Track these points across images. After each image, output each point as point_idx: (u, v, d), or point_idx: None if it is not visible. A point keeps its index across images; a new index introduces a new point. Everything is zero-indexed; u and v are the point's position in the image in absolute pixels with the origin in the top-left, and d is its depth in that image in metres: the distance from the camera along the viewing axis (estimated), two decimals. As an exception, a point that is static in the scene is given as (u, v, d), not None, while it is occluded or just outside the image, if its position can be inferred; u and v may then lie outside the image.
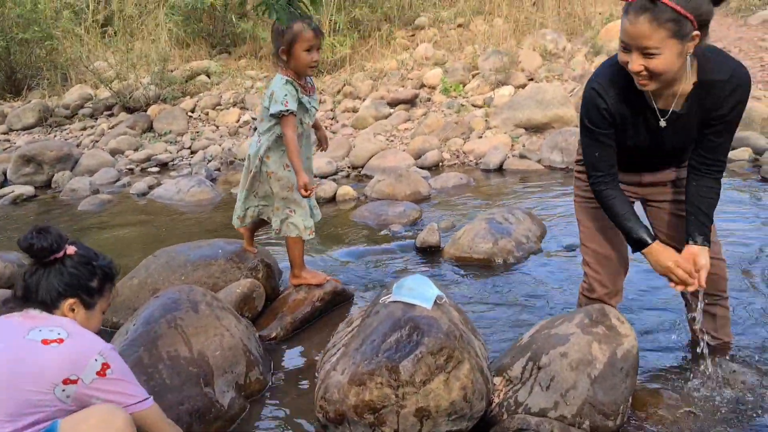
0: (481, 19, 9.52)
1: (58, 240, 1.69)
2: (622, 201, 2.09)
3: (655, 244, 2.06)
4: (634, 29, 1.72)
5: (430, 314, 2.09)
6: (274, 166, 2.94)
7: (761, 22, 8.92)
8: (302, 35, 2.73)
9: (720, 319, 2.31)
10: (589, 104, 2.00)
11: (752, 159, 5.23)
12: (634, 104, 1.97)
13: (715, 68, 1.87)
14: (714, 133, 1.96)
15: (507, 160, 5.94)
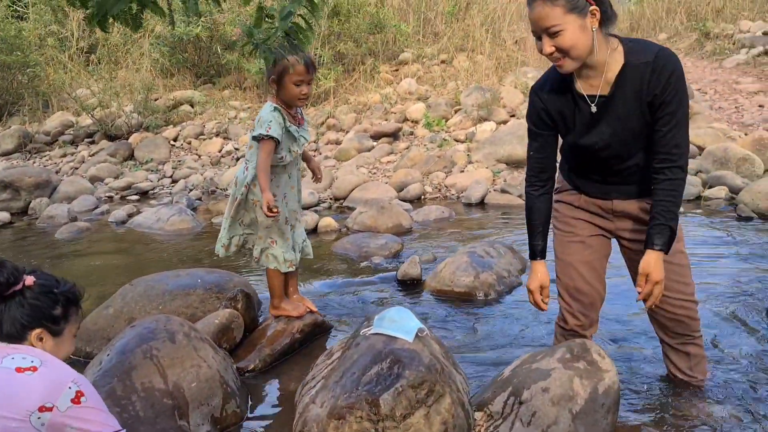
0: (464, 56, 9.68)
1: (13, 273, 1.67)
2: (539, 209, 2.23)
3: (537, 263, 2.24)
4: (535, 15, 1.86)
5: (411, 347, 2.07)
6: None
7: (735, 66, 9.19)
8: (293, 68, 2.74)
9: (694, 357, 2.31)
10: (529, 104, 2.16)
11: (728, 198, 5.32)
12: (566, 97, 2.05)
13: (639, 51, 1.95)
14: (661, 122, 1.94)
15: (488, 195, 5.98)
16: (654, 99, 1.93)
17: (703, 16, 11.00)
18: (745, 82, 8.47)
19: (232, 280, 3.46)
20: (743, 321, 3.08)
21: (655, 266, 1.99)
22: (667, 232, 1.99)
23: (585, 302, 2.32)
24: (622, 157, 2.09)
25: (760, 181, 5.14)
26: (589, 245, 2.25)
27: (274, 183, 2.90)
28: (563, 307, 2.36)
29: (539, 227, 2.22)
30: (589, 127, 2.05)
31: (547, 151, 2.17)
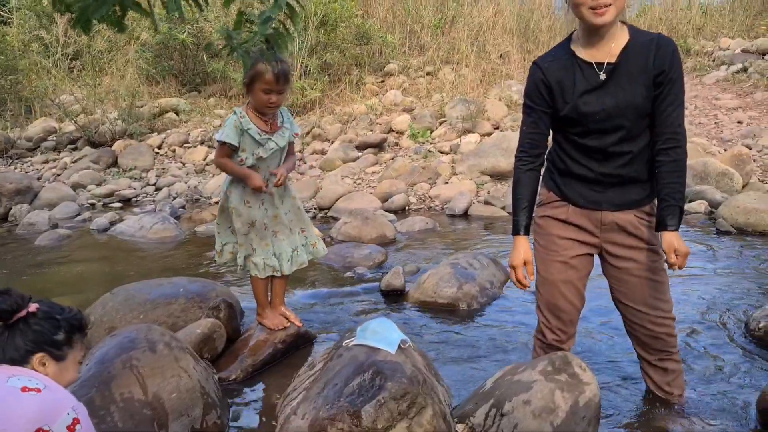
0: (450, 69, 9.76)
1: (19, 301, 1.71)
2: (527, 183, 2.22)
3: (520, 238, 2.21)
4: None
5: (393, 359, 2.07)
6: (235, 202, 2.93)
7: (715, 82, 9.33)
8: (262, 76, 2.74)
9: (672, 373, 2.33)
10: (528, 78, 2.17)
11: (708, 212, 5.40)
12: (567, 66, 2.08)
13: (642, 33, 2.06)
14: (668, 100, 2.01)
15: (472, 206, 6.01)
16: (661, 75, 1.99)
17: (684, 33, 11.17)
18: (725, 98, 8.61)
19: (215, 290, 3.44)
20: (722, 335, 3.12)
21: (678, 242, 2.04)
22: (678, 212, 2.05)
23: (565, 319, 2.32)
24: (620, 136, 2.08)
25: (739, 196, 5.22)
26: (572, 266, 2.24)
27: (247, 189, 2.90)
28: (542, 322, 2.36)
29: (524, 202, 2.21)
30: (592, 95, 2.05)
31: (540, 127, 2.17)
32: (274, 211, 3.00)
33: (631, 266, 2.20)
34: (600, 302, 3.11)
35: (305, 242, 3.14)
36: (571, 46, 2.09)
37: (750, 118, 7.81)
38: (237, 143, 2.83)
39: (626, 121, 2.05)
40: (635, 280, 2.20)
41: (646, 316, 2.20)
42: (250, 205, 2.92)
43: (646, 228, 2.17)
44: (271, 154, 2.91)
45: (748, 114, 7.94)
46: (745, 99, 8.56)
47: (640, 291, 2.19)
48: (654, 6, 12.37)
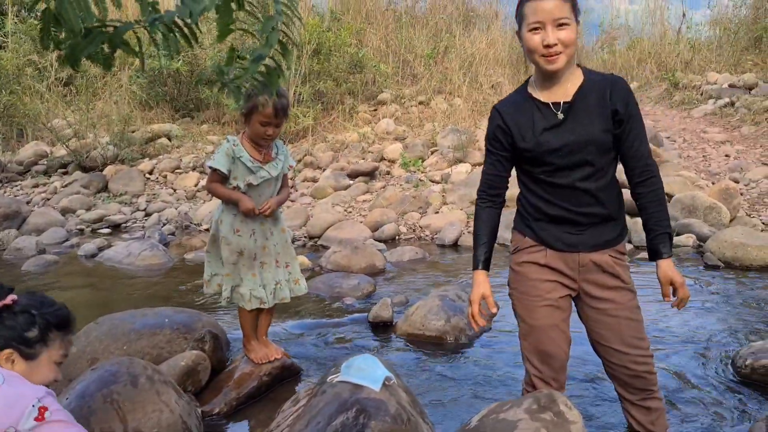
0: (442, 98, 9.85)
1: None
2: (487, 220, 2.25)
3: (479, 272, 2.22)
4: (548, 4, 1.94)
5: (377, 396, 2.05)
6: (225, 230, 2.92)
7: (703, 115, 9.46)
8: (261, 108, 2.76)
9: (654, 411, 2.30)
10: (489, 122, 2.21)
11: (696, 245, 5.42)
12: (525, 109, 2.12)
13: (595, 72, 2.12)
14: (631, 136, 2.07)
15: (462, 236, 6.02)
16: (619, 113, 2.04)
17: (672, 67, 11.36)
18: (712, 132, 8.71)
19: (201, 320, 3.41)
20: (708, 372, 3.11)
21: (673, 271, 2.07)
22: (668, 238, 2.10)
23: (556, 366, 2.27)
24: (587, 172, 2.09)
25: (726, 230, 5.26)
26: (558, 307, 2.20)
27: (238, 217, 2.91)
28: (532, 373, 2.30)
29: (483, 238, 2.24)
30: (552, 133, 2.08)
31: (498, 169, 2.22)
32: (263, 241, 2.99)
33: (609, 306, 2.18)
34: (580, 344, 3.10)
35: (288, 277, 3.12)
36: (528, 89, 2.14)
37: (737, 151, 7.91)
38: (227, 170, 2.84)
39: (589, 156, 2.07)
40: (613, 321, 2.18)
41: (626, 356, 2.18)
42: (240, 234, 2.92)
43: (621, 267, 2.19)
44: (263, 182, 2.92)
45: (736, 148, 8.04)
46: (732, 133, 8.67)
47: (619, 331, 2.18)
48: (643, 40, 12.60)
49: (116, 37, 1.22)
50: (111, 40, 1.34)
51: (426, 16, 11.77)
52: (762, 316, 3.88)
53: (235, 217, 2.92)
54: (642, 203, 2.12)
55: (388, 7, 11.76)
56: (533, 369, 2.30)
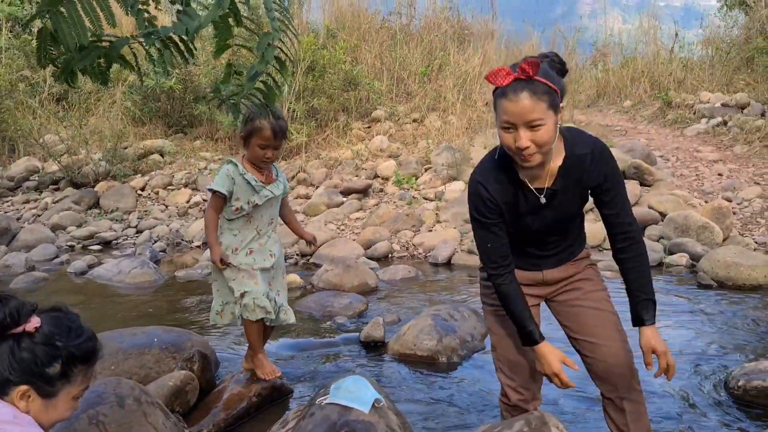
0: (436, 116, 9.87)
1: (14, 313, 1.41)
2: (516, 293, 2.11)
3: (542, 344, 2.08)
4: (518, 106, 1.82)
5: (366, 419, 2.02)
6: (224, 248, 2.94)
7: (696, 134, 9.51)
8: (260, 132, 2.78)
9: (630, 414, 2.26)
10: (473, 196, 2.08)
11: (689, 265, 5.41)
12: (513, 189, 2.04)
13: (577, 144, 2.02)
14: (610, 205, 2.05)
15: (455, 255, 6.00)
16: (599, 186, 2.03)
17: (665, 85, 11.42)
18: (705, 151, 8.75)
19: (191, 340, 3.37)
20: (701, 392, 3.09)
21: (657, 339, 2.04)
22: (652, 305, 2.07)
23: (525, 375, 2.29)
24: (560, 235, 2.18)
25: (719, 249, 5.25)
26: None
27: (238, 237, 2.92)
28: (504, 382, 2.32)
29: (525, 312, 2.10)
30: (533, 214, 2.09)
31: (499, 236, 2.09)
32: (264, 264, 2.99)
33: (575, 296, 2.24)
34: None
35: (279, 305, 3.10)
36: (513, 164, 2.00)
37: (730, 170, 7.93)
38: (228, 192, 2.85)
39: (565, 225, 2.16)
40: (581, 310, 2.22)
41: (598, 347, 2.18)
42: (237, 252, 2.94)
43: (583, 265, 2.26)
44: (266, 201, 2.94)
45: (729, 167, 8.06)
46: (725, 152, 8.71)
47: (587, 321, 2.20)
48: (636, 59, 12.69)
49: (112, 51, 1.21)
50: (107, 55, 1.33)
51: (421, 34, 11.84)
52: (755, 335, 3.86)
53: (234, 237, 2.93)
54: (625, 269, 2.11)
55: (383, 24, 11.82)
56: (505, 378, 2.33)
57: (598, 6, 24.03)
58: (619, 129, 10.25)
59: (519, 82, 1.82)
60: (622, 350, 2.19)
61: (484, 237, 2.11)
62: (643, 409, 2.29)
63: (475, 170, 2.12)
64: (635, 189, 6.93)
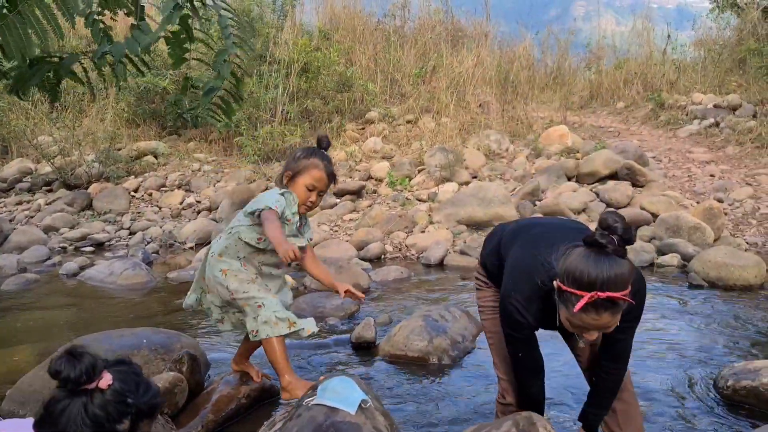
0: (429, 117, 9.88)
1: (89, 370, 1.46)
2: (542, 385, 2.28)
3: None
4: (600, 322, 1.80)
5: (353, 420, 2.02)
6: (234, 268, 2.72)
7: (688, 135, 9.55)
8: (312, 171, 2.58)
9: (621, 414, 2.29)
10: (510, 320, 2.09)
11: (680, 265, 5.43)
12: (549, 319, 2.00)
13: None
14: (621, 331, 1.98)
15: (448, 256, 6.00)
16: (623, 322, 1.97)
17: (658, 87, 11.47)
18: (698, 152, 8.78)
19: (180, 341, 3.36)
20: (691, 393, 3.10)
21: None
22: (600, 420, 2.21)
23: None
24: None
25: (710, 250, 5.27)
26: None
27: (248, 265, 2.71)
28: (501, 377, 2.38)
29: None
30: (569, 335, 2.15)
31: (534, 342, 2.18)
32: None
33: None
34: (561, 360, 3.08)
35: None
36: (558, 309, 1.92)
37: (722, 171, 7.97)
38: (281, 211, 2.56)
39: None
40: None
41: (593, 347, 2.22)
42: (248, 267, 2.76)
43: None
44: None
45: (720, 168, 8.10)
46: (717, 153, 8.74)
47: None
48: (629, 60, 12.74)
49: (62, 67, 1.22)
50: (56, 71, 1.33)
51: (415, 36, 11.84)
52: (745, 336, 3.88)
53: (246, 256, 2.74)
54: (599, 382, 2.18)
55: (377, 26, 11.83)
56: (502, 376, 2.39)
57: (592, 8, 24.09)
58: (612, 130, 10.29)
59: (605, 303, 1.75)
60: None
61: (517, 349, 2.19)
62: (635, 410, 2.31)
63: (513, 292, 2.07)
64: (627, 190, 6.96)
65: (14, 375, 3.23)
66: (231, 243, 2.72)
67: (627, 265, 1.76)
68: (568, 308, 1.79)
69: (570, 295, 1.77)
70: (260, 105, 9.38)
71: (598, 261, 1.73)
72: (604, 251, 1.74)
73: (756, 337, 3.85)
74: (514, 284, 2.07)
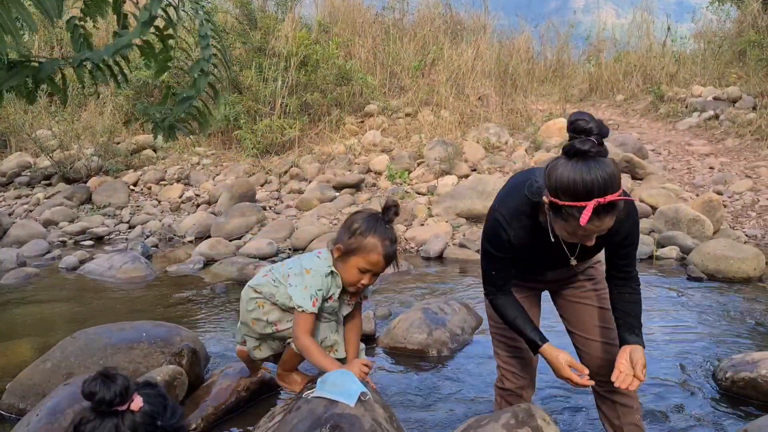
0: (429, 110, 9.86)
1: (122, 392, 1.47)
2: (513, 306, 2.15)
3: (546, 346, 2.09)
4: (602, 227, 1.78)
5: (352, 412, 2.02)
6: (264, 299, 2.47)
7: (688, 128, 9.53)
8: (369, 256, 2.22)
9: (621, 407, 2.30)
10: (491, 232, 2.07)
11: (680, 258, 5.43)
12: (538, 236, 1.99)
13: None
14: (619, 255, 2.07)
15: (447, 249, 6.00)
16: (618, 243, 2.03)
17: (657, 79, 11.44)
18: (697, 144, 8.77)
19: (180, 334, 3.36)
20: (689, 384, 3.11)
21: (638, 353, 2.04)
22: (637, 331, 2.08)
23: (521, 362, 2.35)
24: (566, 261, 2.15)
25: (709, 242, 5.27)
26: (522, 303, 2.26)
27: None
28: (501, 366, 2.40)
29: (521, 318, 2.13)
30: (553, 256, 2.08)
31: (507, 270, 2.13)
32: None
33: (576, 292, 2.28)
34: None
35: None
36: (540, 217, 1.96)
37: (721, 164, 7.96)
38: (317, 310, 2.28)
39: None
40: (579, 306, 2.28)
41: (590, 342, 2.26)
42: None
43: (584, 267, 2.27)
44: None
45: (720, 160, 8.09)
46: (716, 145, 8.74)
47: (584, 317, 2.28)
48: (629, 53, 12.70)
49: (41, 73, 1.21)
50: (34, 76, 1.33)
51: (414, 28, 11.82)
52: (743, 328, 3.89)
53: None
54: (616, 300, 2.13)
55: (376, 19, 11.80)
56: (502, 362, 2.40)
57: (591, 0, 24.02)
58: (612, 123, 10.26)
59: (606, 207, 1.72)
60: (614, 347, 2.22)
61: (490, 266, 2.14)
62: (635, 403, 2.32)
63: (498, 205, 2.06)
64: (626, 183, 6.95)
65: (14, 369, 3.24)
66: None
67: (611, 163, 1.74)
68: (570, 222, 1.76)
69: (571, 209, 1.73)
70: (259, 98, 9.37)
71: (586, 168, 1.70)
72: (587, 156, 1.71)
73: (755, 329, 3.86)
74: (502, 199, 2.07)
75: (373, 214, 2.29)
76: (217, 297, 4.82)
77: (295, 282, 2.30)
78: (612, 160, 1.76)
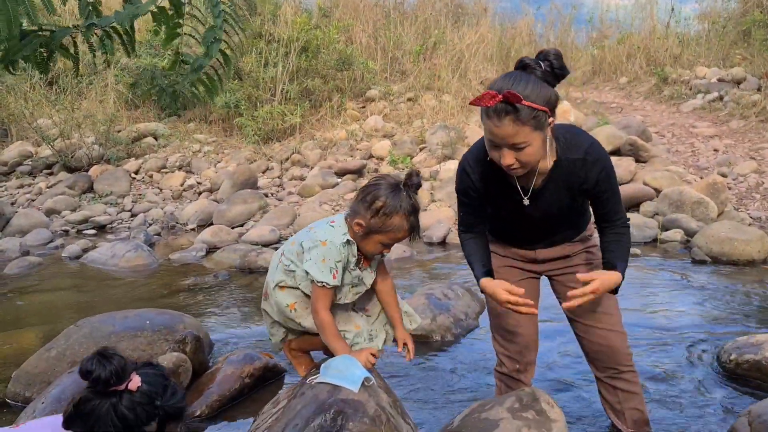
0: (431, 95, 9.81)
1: (119, 371, 1.47)
2: (475, 244, 2.23)
3: (484, 279, 2.14)
4: (501, 131, 1.80)
5: (356, 397, 2.02)
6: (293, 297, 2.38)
7: (692, 110, 9.47)
8: (395, 233, 2.16)
9: (622, 392, 2.30)
10: (459, 177, 2.15)
11: (684, 240, 5.41)
12: (497, 182, 2.07)
13: (571, 147, 1.99)
14: (597, 204, 2.09)
15: (450, 234, 5.99)
16: (588, 191, 2.04)
17: (661, 61, 11.36)
18: (701, 126, 8.72)
19: (183, 322, 3.36)
20: (694, 367, 3.10)
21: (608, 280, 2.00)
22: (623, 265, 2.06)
23: (521, 343, 2.35)
24: (549, 226, 2.20)
25: (714, 225, 5.25)
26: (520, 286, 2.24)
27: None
28: (499, 351, 2.41)
29: (476, 256, 2.21)
30: (516, 208, 2.10)
31: (476, 212, 2.21)
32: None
33: (574, 279, 2.22)
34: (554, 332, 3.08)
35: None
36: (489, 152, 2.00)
37: (726, 146, 7.91)
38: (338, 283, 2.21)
39: (554, 219, 2.17)
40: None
41: (591, 329, 2.25)
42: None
43: (581, 248, 2.28)
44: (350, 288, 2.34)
45: (724, 142, 8.04)
46: (721, 127, 8.68)
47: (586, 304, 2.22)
48: (632, 34, 12.60)
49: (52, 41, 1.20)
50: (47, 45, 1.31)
51: (415, 12, 11.73)
52: (748, 310, 3.87)
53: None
54: (604, 243, 2.12)
55: (376, 3, 11.71)
56: (499, 346, 2.42)
57: (594, -18, 23.76)
58: (615, 106, 10.21)
59: (504, 105, 1.76)
60: (614, 333, 2.24)
61: (461, 207, 2.24)
62: (637, 388, 2.32)
63: (467, 153, 2.14)
64: (630, 165, 6.92)
65: (19, 357, 3.25)
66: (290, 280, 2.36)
67: (549, 90, 1.83)
68: (485, 122, 1.84)
69: (481, 114, 1.84)
70: (260, 84, 9.32)
71: (521, 77, 1.80)
72: (530, 72, 1.83)
73: (759, 312, 3.85)
74: (470, 148, 2.15)
75: (395, 185, 2.17)
76: (219, 284, 4.82)
77: (311, 256, 2.20)
78: (553, 91, 1.86)
